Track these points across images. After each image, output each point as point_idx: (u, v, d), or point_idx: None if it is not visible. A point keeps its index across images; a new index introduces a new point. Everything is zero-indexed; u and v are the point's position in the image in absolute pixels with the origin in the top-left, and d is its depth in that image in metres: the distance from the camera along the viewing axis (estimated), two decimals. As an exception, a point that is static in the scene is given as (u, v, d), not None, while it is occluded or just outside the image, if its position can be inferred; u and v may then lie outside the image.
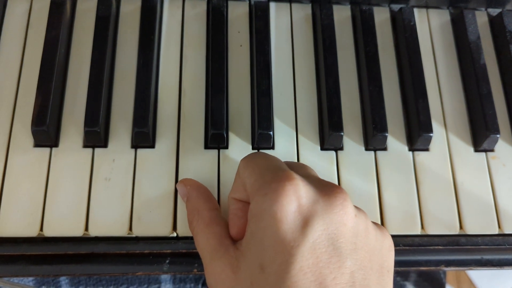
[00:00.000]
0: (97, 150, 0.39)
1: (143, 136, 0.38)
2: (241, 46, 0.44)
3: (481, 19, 0.48)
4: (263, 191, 0.28)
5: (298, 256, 0.26)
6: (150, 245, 0.38)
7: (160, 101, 0.41)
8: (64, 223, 0.37)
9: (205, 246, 0.32)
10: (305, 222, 0.27)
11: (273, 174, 0.29)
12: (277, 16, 0.46)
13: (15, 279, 0.48)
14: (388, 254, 0.31)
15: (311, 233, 0.27)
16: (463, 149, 0.42)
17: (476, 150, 0.42)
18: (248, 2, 0.46)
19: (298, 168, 0.32)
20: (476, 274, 1.02)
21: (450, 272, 1.03)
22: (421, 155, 0.42)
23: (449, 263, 0.41)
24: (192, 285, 0.57)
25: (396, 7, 0.47)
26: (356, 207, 0.30)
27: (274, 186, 0.28)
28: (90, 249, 0.37)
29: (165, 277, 0.56)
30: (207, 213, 0.34)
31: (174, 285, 0.57)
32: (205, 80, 0.42)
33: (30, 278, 0.52)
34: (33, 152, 0.39)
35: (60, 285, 0.54)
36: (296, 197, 0.27)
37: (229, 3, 0.45)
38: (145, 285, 0.56)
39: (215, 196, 0.38)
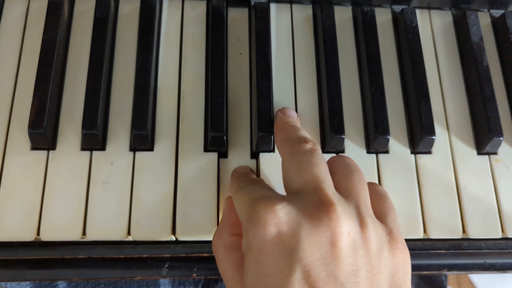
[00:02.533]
0: (95, 153, 0.38)
1: (142, 138, 0.38)
2: (241, 48, 0.44)
3: (483, 20, 0.47)
4: (246, 227, 0.27)
5: None
6: (148, 249, 0.37)
7: (159, 103, 0.41)
8: (61, 227, 0.36)
9: (223, 271, 0.31)
10: (290, 251, 0.25)
11: (252, 207, 0.27)
12: (278, 17, 0.45)
13: (12, 284, 0.48)
14: (400, 270, 0.28)
15: (297, 262, 0.25)
16: (466, 152, 0.42)
17: (479, 153, 0.42)
18: (248, 3, 0.45)
19: (307, 157, 0.31)
20: (477, 276, 1.02)
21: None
22: (423, 158, 0.41)
23: (451, 267, 0.40)
24: (191, 288, 0.57)
25: (398, 8, 0.46)
26: (360, 217, 0.28)
27: (254, 218, 0.27)
28: (88, 253, 0.37)
29: (164, 280, 0.56)
30: (228, 238, 0.33)
31: (173, 288, 0.56)
32: (205, 82, 0.42)
33: (27, 283, 0.51)
34: (30, 155, 0.38)
35: (58, 288, 0.54)
36: (275, 225, 0.26)
37: (229, 3, 0.45)
38: (144, 289, 0.56)
39: (214, 200, 0.38)
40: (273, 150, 0.40)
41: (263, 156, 0.40)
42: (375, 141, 0.40)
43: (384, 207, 0.32)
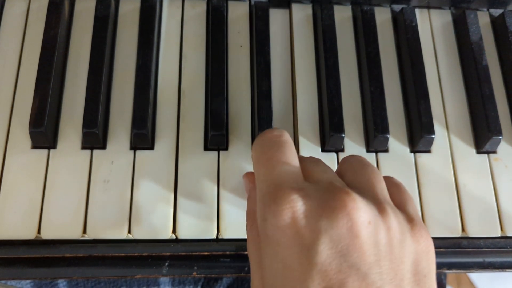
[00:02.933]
0: (95, 151, 0.39)
1: (142, 137, 0.38)
2: (241, 46, 0.44)
3: (483, 20, 0.47)
4: (264, 215, 0.26)
5: (309, 284, 0.24)
6: (149, 248, 0.38)
7: (159, 102, 0.41)
8: (62, 225, 0.36)
9: (250, 256, 0.30)
10: (310, 244, 0.24)
11: (271, 194, 0.27)
12: (278, 17, 0.45)
13: (13, 282, 0.48)
14: (424, 258, 0.27)
15: (317, 255, 0.24)
16: (465, 150, 0.42)
17: (478, 152, 0.42)
18: (248, 2, 0.45)
19: (313, 164, 0.30)
20: (476, 275, 1.02)
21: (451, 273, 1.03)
22: (422, 157, 0.41)
23: (450, 266, 0.40)
24: (192, 286, 0.57)
25: (397, 7, 0.47)
26: (378, 205, 0.27)
27: (273, 208, 0.26)
28: (88, 251, 0.37)
29: (164, 278, 0.56)
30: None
31: (173, 286, 0.56)
32: (205, 81, 0.42)
33: (28, 281, 0.51)
34: (31, 154, 0.38)
35: (59, 287, 0.54)
36: (294, 219, 0.25)
37: (229, 3, 0.45)
38: (144, 287, 0.56)
39: (215, 198, 0.38)
40: (273, 149, 0.40)
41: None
42: (375, 140, 0.40)
43: (403, 197, 0.31)
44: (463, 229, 0.40)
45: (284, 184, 0.27)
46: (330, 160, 0.40)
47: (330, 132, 0.39)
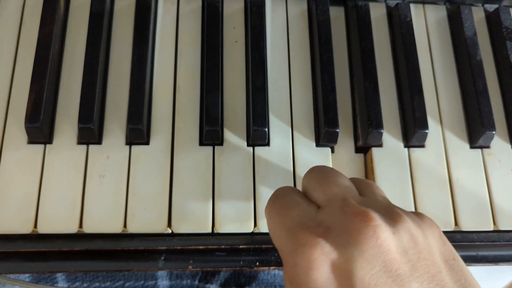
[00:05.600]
0: (91, 147, 0.39)
1: (138, 132, 0.38)
2: (236, 42, 0.44)
3: (477, 15, 0.47)
4: (293, 261, 0.26)
5: None
6: (145, 242, 0.38)
7: (155, 98, 0.41)
8: (58, 220, 0.37)
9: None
10: (348, 275, 0.25)
11: (294, 239, 0.27)
12: (273, 12, 0.46)
13: (10, 276, 0.48)
14: (443, 243, 0.28)
15: (360, 282, 0.24)
16: (459, 145, 0.42)
17: (471, 147, 0.42)
18: (243, -3, 0.46)
19: (320, 180, 0.31)
20: (473, 269, 1.02)
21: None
22: (416, 152, 0.42)
23: (444, 260, 0.40)
24: (189, 281, 0.57)
25: (392, 2, 0.47)
26: (389, 212, 0.27)
27: (300, 252, 0.26)
28: (85, 246, 0.37)
29: (161, 273, 0.56)
30: None
31: (171, 281, 0.57)
32: (200, 76, 0.42)
33: (26, 275, 0.52)
34: (27, 149, 0.38)
35: (57, 280, 0.54)
36: (325, 256, 0.25)
37: (224, -2, 0.45)
38: (142, 281, 0.56)
39: (210, 193, 0.38)
40: (268, 144, 0.41)
41: (258, 150, 0.40)
42: (369, 135, 0.40)
43: (374, 190, 0.32)
44: (456, 223, 0.40)
45: (300, 227, 0.28)
46: (325, 155, 0.41)
47: (325, 127, 0.40)
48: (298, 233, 0.27)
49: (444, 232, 0.39)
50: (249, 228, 0.38)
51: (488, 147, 0.42)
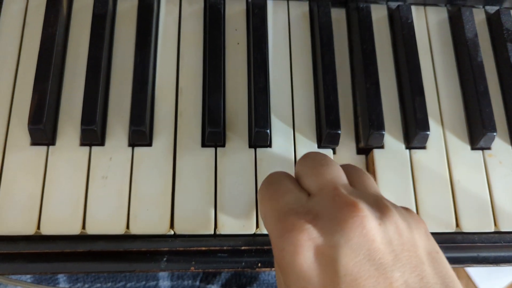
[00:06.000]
0: (94, 148, 0.39)
1: (140, 134, 0.38)
2: (238, 43, 0.44)
3: (478, 17, 0.48)
4: (280, 246, 0.27)
5: None
6: (147, 243, 0.38)
7: (157, 99, 0.41)
8: (61, 221, 0.37)
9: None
10: (333, 260, 0.26)
11: (283, 224, 0.28)
12: (275, 13, 0.46)
13: (13, 276, 0.48)
14: (427, 238, 0.29)
15: (344, 268, 0.25)
16: (460, 147, 0.42)
17: (473, 148, 0.42)
18: (245, -1, 0.46)
19: (311, 169, 0.31)
20: (474, 270, 1.03)
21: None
22: (418, 153, 0.42)
23: (445, 261, 0.41)
24: (190, 281, 0.58)
25: (393, 4, 0.47)
26: (377, 204, 0.28)
27: (287, 237, 0.27)
28: (88, 247, 0.37)
29: (163, 273, 0.57)
30: None
31: (172, 281, 0.57)
32: (202, 78, 0.42)
33: (28, 276, 0.52)
34: (30, 151, 0.39)
35: (58, 281, 0.54)
36: (311, 242, 0.26)
37: (226, 0, 0.45)
38: (143, 282, 0.56)
39: (212, 194, 0.38)
40: (270, 145, 0.41)
41: (260, 151, 0.40)
42: (370, 137, 0.40)
43: (366, 179, 0.33)
44: (457, 225, 0.40)
45: (290, 212, 0.28)
46: (326, 156, 0.41)
47: (327, 129, 0.40)
48: (287, 218, 0.28)
49: (445, 233, 0.40)
50: (251, 230, 0.38)
51: (489, 148, 0.43)
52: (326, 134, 0.40)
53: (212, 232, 0.38)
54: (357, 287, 0.25)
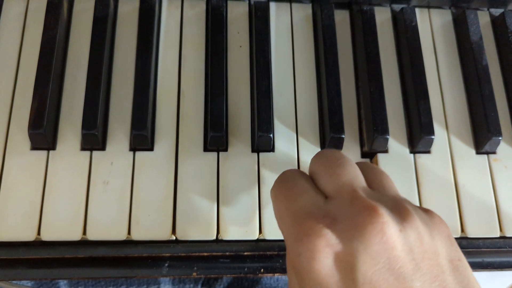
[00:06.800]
0: (95, 153, 0.39)
1: (142, 138, 0.38)
2: (240, 46, 0.44)
3: (483, 19, 0.47)
4: (297, 250, 0.26)
5: None
6: (148, 249, 0.38)
7: (159, 103, 0.41)
8: (62, 227, 0.36)
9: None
10: (351, 268, 0.25)
11: (300, 227, 0.27)
12: (277, 16, 0.45)
13: (13, 282, 0.48)
14: (450, 243, 0.27)
15: (363, 276, 0.24)
16: (465, 151, 0.42)
17: (478, 153, 0.42)
18: (248, 2, 0.45)
19: (328, 169, 0.30)
20: (475, 272, 1.02)
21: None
22: (422, 157, 0.41)
23: (450, 266, 0.40)
24: (192, 285, 0.57)
25: (397, 7, 0.46)
26: (397, 208, 0.27)
27: (305, 242, 0.26)
28: (88, 252, 0.37)
29: (164, 278, 0.56)
30: None
31: (174, 285, 0.56)
32: (204, 82, 0.42)
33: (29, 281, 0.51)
34: (30, 155, 0.38)
35: (59, 286, 0.54)
36: (330, 248, 0.25)
37: (229, 3, 0.45)
38: (144, 286, 0.56)
39: (214, 199, 0.38)
40: (273, 150, 0.40)
41: (263, 156, 0.40)
42: (375, 141, 0.40)
43: (387, 181, 0.31)
44: (462, 230, 0.40)
45: (307, 215, 0.27)
46: (330, 160, 0.40)
47: (330, 133, 0.39)
48: (305, 221, 0.27)
49: (450, 239, 0.40)
50: (254, 235, 0.38)
51: (494, 152, 0.42)
52: (330, 138, 0.40)
53: (215, 238, 0.38)
54: None
